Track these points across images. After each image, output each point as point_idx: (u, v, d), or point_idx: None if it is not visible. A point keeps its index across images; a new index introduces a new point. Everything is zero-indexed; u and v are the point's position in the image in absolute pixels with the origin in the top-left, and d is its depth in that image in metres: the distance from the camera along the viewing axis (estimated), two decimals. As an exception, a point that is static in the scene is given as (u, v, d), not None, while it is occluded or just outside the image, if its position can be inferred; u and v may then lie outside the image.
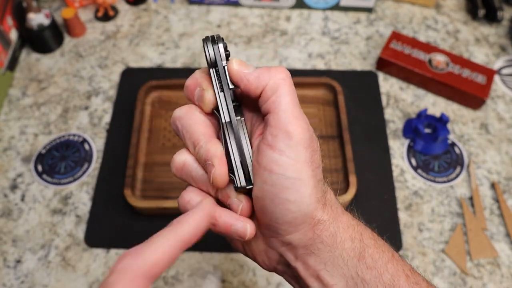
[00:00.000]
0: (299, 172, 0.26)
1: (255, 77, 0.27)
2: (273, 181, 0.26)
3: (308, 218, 0.26)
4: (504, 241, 0.56)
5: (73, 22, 0.74)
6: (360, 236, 0.27)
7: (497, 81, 0.71)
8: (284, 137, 0.26)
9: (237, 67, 0.28)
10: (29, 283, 0.53)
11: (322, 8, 0.79)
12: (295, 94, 0.27)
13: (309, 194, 0.26)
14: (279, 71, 0.27)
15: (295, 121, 0.26)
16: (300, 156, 0.26)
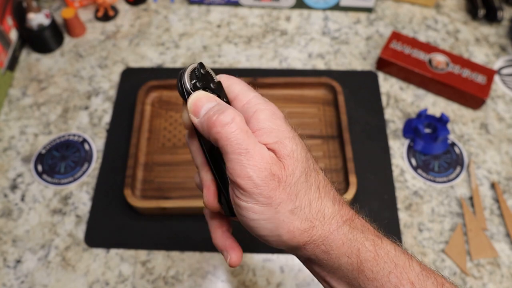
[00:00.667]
0: (261, 213, 0.27)
1: (201, 123, 0.28)
2: (242, 220, 0.28)
3: (290, 243, 0.28)
4: (504, 241, 0.56)
5: (73, 22, 0.74)
6: (357, 252, 0.28)
7: (497, 81, 0.71)
8: (238, 188, 0.27)
9: (190, 106, 0.29)
10: (29, 283, 0.53)
11: (322, 8, 0.79)
12: (235, 138, 0.26)
13: (276, 228, 0.27)
14: (216, 124, 0.27)
15: (241, 171, 0.26)
16: (259, 199, 0.27)
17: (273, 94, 0.67)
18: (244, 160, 0.26)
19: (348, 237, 0.28)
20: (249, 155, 0.26)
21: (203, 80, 0.29)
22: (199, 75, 0.29)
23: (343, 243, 0.28)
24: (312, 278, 0.53)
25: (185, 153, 0.63)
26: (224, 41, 0.76)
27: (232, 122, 0.27)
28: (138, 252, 0.56)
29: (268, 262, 0.55)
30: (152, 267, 0.55)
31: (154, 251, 0.56)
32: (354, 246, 0.28)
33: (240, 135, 0.26)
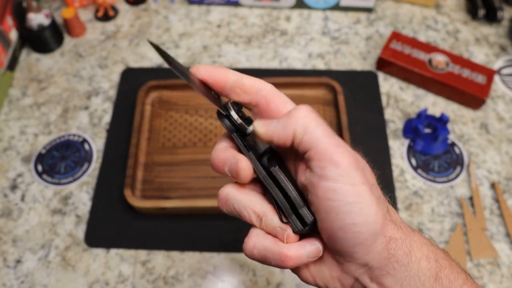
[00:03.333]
0: (358, 195, 0.26)
1: (282, 130, 0.27)
2: (335, 209, 0.26)
3: (379, 236, 0.26)
4: (504, 241, 0.56)
5: (73, 22, 0.74)
6: (435, 256, 0.27)
7: (497, 81, 0.71)
8: (333, 167, 0.26)
9: (263, 129, 0.28)
10: (29, 283, 0.53)
11: (322, 8, 0.79)
12: (324, 124, 0.27)
13: (374, 213, 0.26)
14: (299, 112, 0.27)
15: (337, 149, 0.26)
16: (354, 179, 0.26)
17: (273, 94, 0.67)
18: (334, 142, 0.27)
19: (424, 241, 0.28)
20: (336, 140, 0.27)
21: (240, 112, 0.30)
22: (237, 108, 0.30)
23: (421, 245, 0.27)
24: (312, 278, 0.53)
25: (185, 153, 0.63)
26: (224, 41, 0.76)
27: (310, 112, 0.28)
28: (138, 252, 0.56)
29: (268, 262, 0.55)
30: (152, 267, 0.55)
31: (154, 251, 0.56)
32: (432, 250, 0.27)
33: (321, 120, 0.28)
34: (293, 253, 0.28)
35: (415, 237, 0.28)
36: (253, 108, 0.30)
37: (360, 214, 0.26)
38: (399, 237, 0.27)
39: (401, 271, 0.26)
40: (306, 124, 0.27)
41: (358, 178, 0.26)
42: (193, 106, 0.67)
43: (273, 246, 0.28)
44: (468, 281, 0.27)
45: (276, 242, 0.29)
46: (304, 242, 0.29)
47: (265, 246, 0.29)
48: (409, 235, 0.27)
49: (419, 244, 0.27)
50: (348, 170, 0.26)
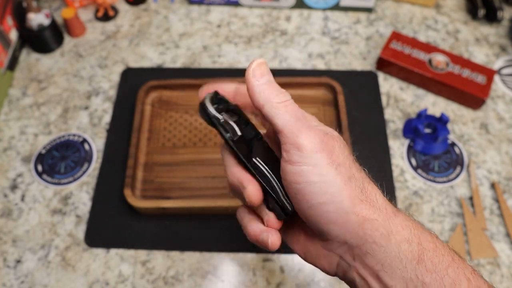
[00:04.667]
0: (321, 175, 0.27)
1: (258, 87, 0.30)
2: (301, 191, 0.27)
3: (350, 215, 0.27)
4: (504, 241, 0.56)
5: (73, 22, 0.74)
6: (417, 239, 0.27)
7: (497, 81, 0.71)
8: (296, 150, 0.27)
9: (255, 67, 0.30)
10: (29, 283, 0.53)
11: (322, 8, 0.79)
12: (294, 109, 0.29)
13: (339, 191, 0.27)
14: (273, 95, 0.30)
15: (299, 133, 0.28)
16: (317, 160, 0.27)
17: (273, 94, 0.67)
18: (301, 124, 0.28)
19: (406, 223, 0.28)
20: (306, 122, 0.29)
21: (222, 103, 0.32)
22: (216, 100, 0.32)
23: (403, 228, 0.27)
24: (312, 278, 0.53)
25: (185, 153, 0.63)
26: (224, 41, 0.76)
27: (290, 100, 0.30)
28: (138, 252, 0.56)
29: (268, 262, 0.55)
30: (152, 267, 0.55)
31: (154, 251, 0.56)
32: (415, 233, 0.28)
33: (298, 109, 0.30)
34: (250, 230, 0.31)
35: (397, 220, 0.28)
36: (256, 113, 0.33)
37: (324, 193, 0.27)
38: (375, 218, 0.27)
39: (380, 252, 0.27)
40: (275, 107, 0.29)
41: (321, 159, 0.27)
42: (193, 106, 0.67)
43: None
44: (454, 263, 0.27)
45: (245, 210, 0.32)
46: (262, 230, 0.30)
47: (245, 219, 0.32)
48: (389, 218, 0.28)
49: (401, 227, 0.28)
50: (311, 152, 0.27)
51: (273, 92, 0.30)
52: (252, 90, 0.29)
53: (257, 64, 0.30)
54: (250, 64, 0.30)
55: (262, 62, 0.30)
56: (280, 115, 0.29)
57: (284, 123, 0.28)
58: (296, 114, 0.29)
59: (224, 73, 0.71)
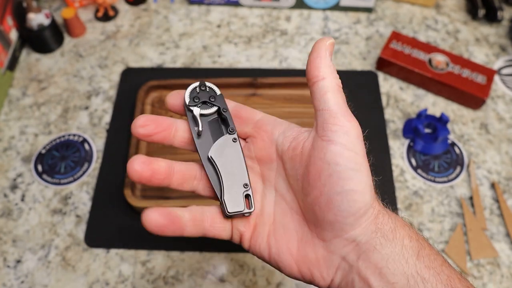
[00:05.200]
0: (360, 164, 0.27)
1: (325, 65, 0.29)
2: (338, 173, 0.27)
3: (369, 208, 0.27)
4: (504, 241, 0.56)
5: (73, 22, 0.74)
6: (416, 236, 0.28)
7: (497, 81, 0.71)
8: (344, 133, 0.28)
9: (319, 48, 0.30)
10: (29, 283, 0.53)
11: (322, 8, 0.79)
12: (344, 95, 0.30)
13: (369, 184, 0.28)
14: (335, 75, 0.30)
15: (350, 117, 0.29)
16: (359, 149, 0.28)
17: (273, 94, 0.67)
18: (348, 111, 0.30)
19: (404, 222, 0.29)
20: (350, 111, 0.31)
21: (202, 95, 0.33)
22: (199, 91, 0.33)
23: (403, 224, 0.28)
24: (312, 278, 0.53)
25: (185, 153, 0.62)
26: (224, 41, 0.76)
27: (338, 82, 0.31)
28: (138, 252, 0.56)
29: (268, 262, 0.55)
30: (152, 267, 0.55)
31: (154, 251, 0.56)
32: (412, 230, 0.28)
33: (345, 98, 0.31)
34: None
35: (398, 217, 0.29)
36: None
37: (360, 181, 0.27)
38: (385, 211, 0.28)
39: (387, 247, 0.27)
40: (331, 85, 0.29)
41: (361, 149, 0.28)
42: (193, 106, 0.67)
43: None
44: (445, 263, 0.28)
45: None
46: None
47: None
48: (390, 213, 0.29)
49: (402, 223, 0.29)
50: (356, 138, 0.28)
51: (335, 72, 0.30)
52: (319, 60, 0.29)
53: (332, 42, 0.30)
54: (324, 39, 0.30)
55: (334, 42, 0.30)
56: (335, 95, 0.29)
57: (337, 103, 0.29)
58: (345, 100, 0.30)
59: (224, 73, 0.71)
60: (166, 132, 0.33)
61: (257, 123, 0.33)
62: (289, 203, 0.31)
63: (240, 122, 0.33)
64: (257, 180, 0.33)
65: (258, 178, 0.33)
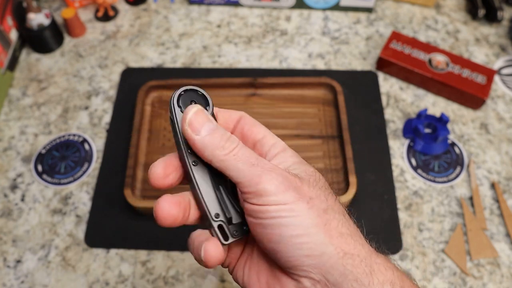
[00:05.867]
0: (291, 210, 0.25)
1: (202, 142, 0.27)
2: (270, 225, 0.25)
3: (327, 246, 0.25)
4: (504, 241, 0.56)
5: (73, 22, 0.74)
6: (401, 283, 0.25)
7: (497, 81, 0.71)
8: (259, 197, 0.25)
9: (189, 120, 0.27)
10: (29, 283, 0.53)
11: (322, 8, 0.79)
12: (245, 154, 0.27)
13: (314, 223, 0.25)
14: (219, 147, 0.27)
15: (259, 180, 0.25)
16: (284, 199, 0.25)
17: (273, 94, 0.67)
18: (258, 170, 0.26)
19: (389, 265, 0.26)
20: (263, 165, 0.26)
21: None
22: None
23: (385, 269, 0.25)
24: (312, 278, 0.53)
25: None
26: (224, 41, 0.76)
27: (237, 147, 0.27)
28: (138, 252, 0.56)
29: (268, 262, 0.55)
30: (152, 267, 0.55)
31: (154, 251, 0.56)
32: (397, 275, 0.25)
33: (250, 153, 0.27)
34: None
35: (378, 259, 0.26)
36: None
37: (297, 226, 0.25)
38: (356, 254, 0.25)
39: None
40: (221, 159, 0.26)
41: (289, 197, 0.25)
42: (193, 106, 0.67)
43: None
44: None
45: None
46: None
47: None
48: (371, 255, 0.26)
49: (383, 267, 0.25)
50: (276, 194, 0.25)
51: (218, 143, 0.26)
52: (194, 147, 0.27)
53: (192, 114, 0.27)
54: (185, 116, 0.27)
55: (198, 110, 0.27)
56: (232, 167, 0.26)
57: (239, 174, 0.26)
58: (249, 159, 0.26)
59: (224, 73, 0.71)
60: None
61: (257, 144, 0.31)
62: None
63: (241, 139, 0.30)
64: None
65: None
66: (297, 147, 0.63)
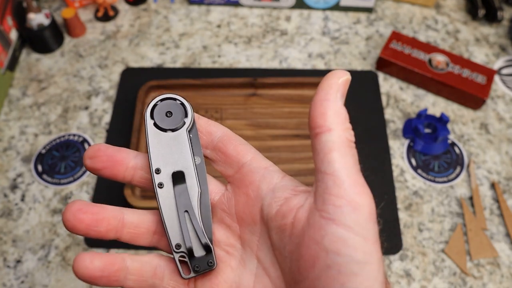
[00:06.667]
0: (370, 253, 0.20)
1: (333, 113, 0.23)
2: (339, 265, 0.20)
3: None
4: (504, 241, 0.56)
5: (73, 22, 0.74)
6: None
7: (497, 81, 0.71)
8: (351, 210, 0.20)
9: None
10: (29, 283, 0.53)
11: (322, 8, 0.79)
12: (356, 155, 0.22)
13: (380, 280, 0.20)
14: (346, 126, 0.22)
15: (362, 188, 0.21)
16: (370, 233, 0.20)
17: (273, 94, 0.67)
18: (360, 179, 0.21)
19: None
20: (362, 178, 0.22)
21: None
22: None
23: None
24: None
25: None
26: (224, 41, 0.76)
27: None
28: (138, 252, 0.56)
29: (268, 262, 0.55)
30: (152, 267, 0.55)
31: (154, 251, 0.56)
32: None
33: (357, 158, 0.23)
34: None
35: None
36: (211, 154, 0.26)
37: (367, 278, 0.20)
38: None
39: None
40: (340, 142, 0.22)
41: (373, 233, 0.20)
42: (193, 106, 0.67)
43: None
44: None
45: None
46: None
47: None
48: None
49: None
50: (367, 218, 0.20)
51: (347, 122, 0.23)
52: (327, 105, 0.22)
53: (347, 80, 0.23)
54: (336, 74, 0.22)
55: (349, 79, 0.23)
56: (344, 154, 0.21)
57: (346, 167, 0.21)
58: (357, 162, 0.22)
59: (224, 73, 0.71)
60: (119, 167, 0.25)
61: (242, 167, 0.25)
62: (274, 280, 0.24)
63: (223, 160, 0.26)
64: (234, 242, 0.26)
65: (236, 240, 0.26)
66: (297, 147, 0.64)
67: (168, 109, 0.25)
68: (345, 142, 0.22)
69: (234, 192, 0.26)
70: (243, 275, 0.25)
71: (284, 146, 0.62)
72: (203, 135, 0.26)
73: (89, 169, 0.25)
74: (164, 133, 0.25)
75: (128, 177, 0.26)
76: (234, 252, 0.25)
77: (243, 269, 0.25)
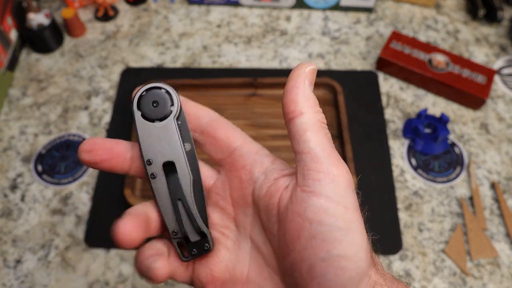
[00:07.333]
0: (351, 221, 0.21)
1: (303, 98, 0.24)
2: (322, 234, 0.21)
3: (364, 277, 0.21)
4: (504, 241, 0.56)
5: (73, 22, 0.74)
6: None
7: (497, 81, 0.71)
8: (330, 181, 0.22)
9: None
10: (29, 283, 0.53)
11: (322, 8, 0.79)
12: (329, 134, 0.24)
13: (364, 246, 0.22)
14: (316, 109, 0.24)
15: (337, 161, 0.22)
16: (349, 201, 0.22)
17: (273, 94, 0.67)
18: (335, 154, 0.23)
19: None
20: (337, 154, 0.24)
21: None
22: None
23: None
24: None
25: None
26: (224, 41, 0.76)
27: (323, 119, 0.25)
28: (138, 252, 0.56)
29: (268, 262, 0.55)
30: (152, 267, 0.55)
31: (154, 251, 0.56)
32: None
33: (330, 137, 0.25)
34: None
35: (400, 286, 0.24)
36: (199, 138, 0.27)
37: (351, 244, 0.21)
38: (383, 283, 0.23)
39: None
40: (313, 123, 0.24)
41: (352, 201, 0.22)
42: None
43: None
44: None
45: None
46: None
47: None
48: (393, 283, 0.24)
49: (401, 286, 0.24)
50: (346, 189, 0.22)
51: (317, 105, 0.24)
52: (296, 92, 0.24)
53: (313, 69, 0.24)
54: (303, 65, 0.24)
55: (316, 69, 0.25)
56: (317, 133, 0.23)
57: (320, 143, 0.23)
58: (330, 139, 0.23)
59: (224, 73, 0.71)
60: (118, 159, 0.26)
61: (234, 152, 0.27)
62: (267, 258, 0.25)
63: (213, 144, 0.27)
64: (229, 224, 0.27)
65: (231, 222, 0.27)
66: (297, 147, 0.64)
67: (154, 98, 0.26)
68: (316, 123, 0.23)
69: (226, 176, 0.27)
70: (238, 255, 0.26)
71: (284, 146, 0.62)
72: (191, 119, 0.27)
73: (87, 162, 0.25)
74: (152, 124, 0.25)
75: (125, 168, 0.26)
76: (229, 233, 0.27)
77: (238, 249, 0.26)
